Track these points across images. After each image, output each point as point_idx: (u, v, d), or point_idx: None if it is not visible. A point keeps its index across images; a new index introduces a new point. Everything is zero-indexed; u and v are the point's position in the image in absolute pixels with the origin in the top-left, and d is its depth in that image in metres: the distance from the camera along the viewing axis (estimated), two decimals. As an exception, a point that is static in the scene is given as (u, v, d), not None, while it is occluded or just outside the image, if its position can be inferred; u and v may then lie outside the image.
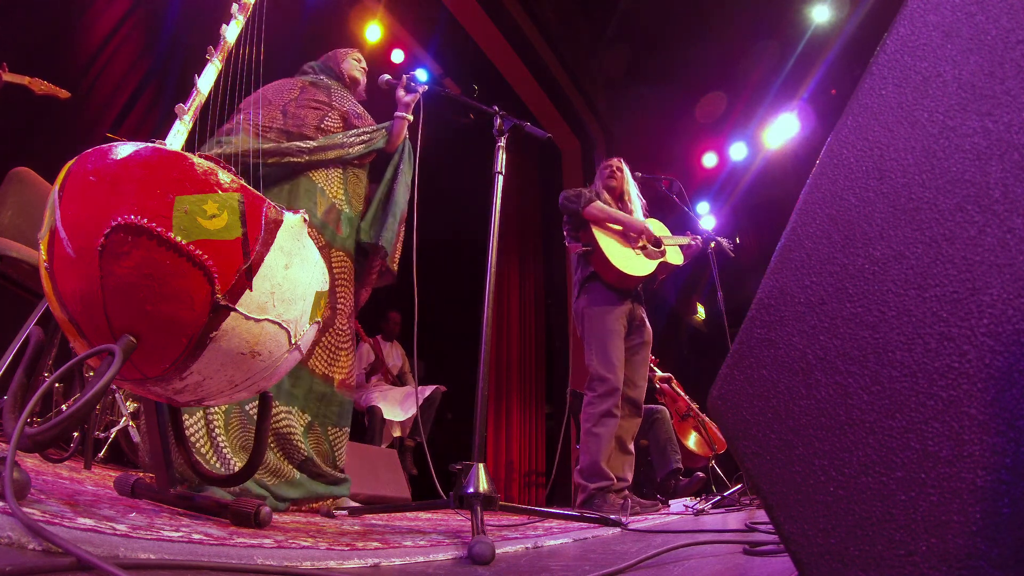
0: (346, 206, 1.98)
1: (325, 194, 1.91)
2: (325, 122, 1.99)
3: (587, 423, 2.58)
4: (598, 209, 2.75)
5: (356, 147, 2.00)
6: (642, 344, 2.78)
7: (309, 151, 1.86)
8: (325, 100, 2.05)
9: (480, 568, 0.85)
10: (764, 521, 1.47)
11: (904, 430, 0.43)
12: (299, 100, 2.01)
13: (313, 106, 2.01)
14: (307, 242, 0.99)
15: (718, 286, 3.31)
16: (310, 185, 1.88)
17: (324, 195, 1.90)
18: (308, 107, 2.00)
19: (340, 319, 1.88)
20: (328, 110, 2.03)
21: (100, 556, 0.52)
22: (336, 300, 1.87)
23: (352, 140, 1.99)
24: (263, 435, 1.11)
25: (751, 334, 0.55)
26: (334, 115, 2.03)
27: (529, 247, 6.52)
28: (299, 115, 1.96)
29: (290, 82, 2.09)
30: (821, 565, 0.44)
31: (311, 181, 1.89)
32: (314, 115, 1.99)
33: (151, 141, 0.91)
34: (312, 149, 1.87)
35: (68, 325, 0.87)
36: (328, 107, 2.04)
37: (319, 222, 1.86)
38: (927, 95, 0.50)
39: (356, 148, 1.99)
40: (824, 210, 0.53)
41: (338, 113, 2.05)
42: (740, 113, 6.23)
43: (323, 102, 2.04)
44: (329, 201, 1.92)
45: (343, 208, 1.97)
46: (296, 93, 2.03)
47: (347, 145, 1.97)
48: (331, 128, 1.99)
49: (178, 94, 1.22)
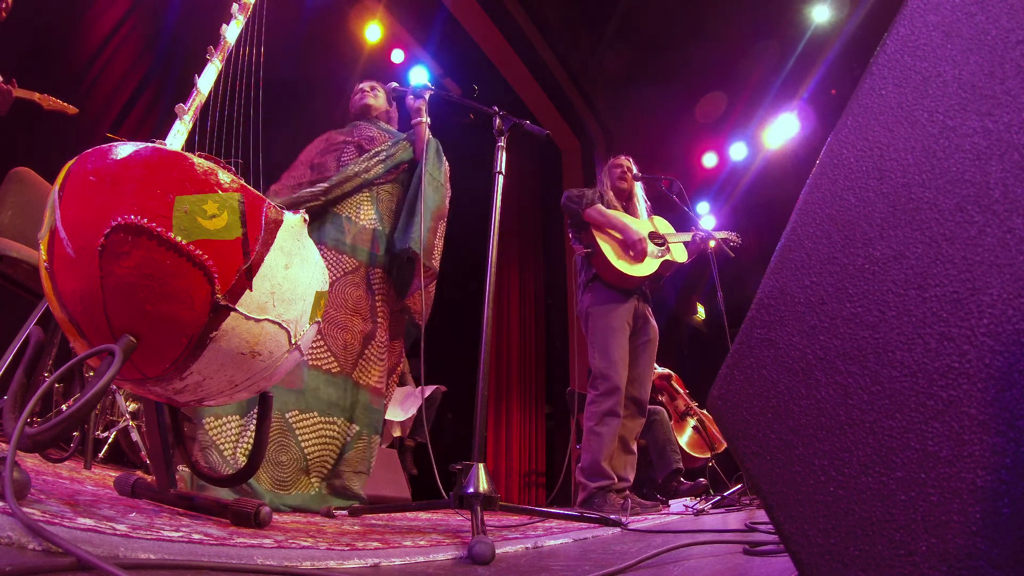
0: (380, 224, 2.05)
1: (352, 221, 1.99)
2: (343, 158, 2.07)
3: (589, 422, 2.58)
4: (598, 213, 2.74)
5: (375, 168, 2.04)
6: (647, 342, 2.77)
7: (324, 192, 1.93)
8: (342, 139, 2.14)
9: (480, 568, 0.85)
10: (764, 521, 1.47)
11: (904, 430, 0.43)
12: (323, 150, 2.11)
13: (332, 149, 2.10)
14: (307, 242, 0.98)
15: (718, 286, 3.31)
16: (335, 219, 1.97)
17: (352, 223, 1.99)
18: (328, 152, 2.10)
19: (380, 332, 1.98)
20: (344, 147, 2.11)
21: (100, 556, 0.52)
22: (377, 315, 1.97)
23: (368, 164, 2.04)
24: (263, 435, 1.11)
25: (751, 334, 0.55)
26: (349, 148, 2.11)
27: (529, 247, 6.52)
28: (322, 163, 2.06)
29: (322, 136, 2.20)
30: (821, 565, 0.44)
31: (335, 214, 1.97)
32: (333, 157, 2.08)
33: (151, 141, 0.91)
34: (326, 190, 1.94)
35: (68, 325, 0.87)
36: (344, 144, 2.12)
37: (349, 248, 1.95)
38: (927, 95, 0.50)
39: (375, 169, 2.04)
40: (824, 210, 0.53)
41: (353, 145, 2.12)
42: (740, 113, 6.23)
43: (339, 142, 2.13)
44: (358, 226, 1.99)
45: (377, 227, 2.03)
46: (321, 145, 2.14)
47: (364, 171, 2.02)
48: (348, 162, 2.06)
49: (178, 94, 1.22)
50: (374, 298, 1.98)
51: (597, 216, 2.74)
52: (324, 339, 1.84)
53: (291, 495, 1.68)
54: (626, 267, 2.66)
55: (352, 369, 1.89)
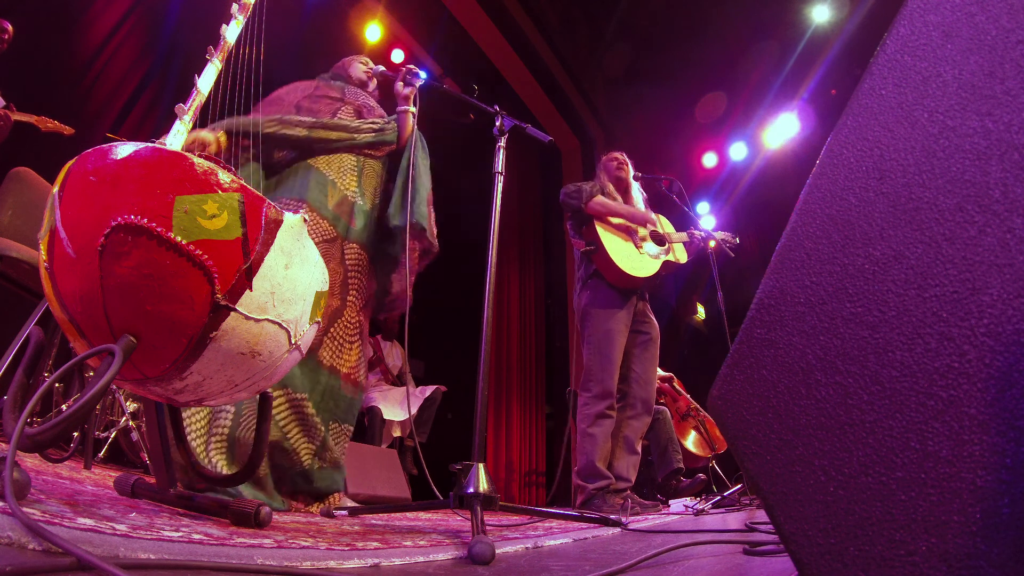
0: (360, 198, 1.94)
1: (336, 186, 1.89)
2: (339, 115, 2.00)
3: (582, 424, 2.58)
4: (600, 204, 2.72)
5: (364, 134, 1.97)
6: (650, 340, 2.76)
7: (308, 125, 1.86)
8: (338, 96, 2.07)
9: (480, 568, 0.85)
10: (764, 521, 1.47)
11: (904, 430, 0.43)
12: (312, 96, 2.03)
13: (326, 100, 2.03)
14: (307, 242, 0.98)
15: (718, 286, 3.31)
16: (320, 177, 1.87)
17: (335, 187, 1.88)
18: (321, 101, 2.02)
19: (350, 311, 1.85)
20: (341, 104, 2.04)
21: (100, 556, 0.52)
22: (348, 292, 1.84)
23: (360, 126, 1.98)
24: (263, 435, 1.11)
25: (751, 334, 0.55)
26: (348, 108, 2.04)
27: (529, 247, 6.52)
28: (312, 109, 1.97)
29: (304, 82, 2.12)
30: (821, 565, 0.44)
31: (321, 173, 1.88)
32: (327, 108, 2.00)
33: (151, 141, 0.91)
34: (311, 124, 1.86)
35: (68, 325, 0.87)
36: (341, 102, 2.05)
37: (331, 214, 1.84)
38: (927, 95, 0.50)
39: (364, 135, 1.97)
40: (824, 210, 0.53)
41: (352, 107, 2.06)
42: (740, 113, 6.23)
43: (336, 97, 2.06)
44: (341, 193, 1.89)
45: (356, 200, 1.93)
46: (310, 91, 2.06)
47: (354, 130, 1.95)
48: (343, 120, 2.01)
49: (178, 94, 1.22)
50: (347, 273, 1.84)
51: (600, 208, 2.72)
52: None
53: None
54: (629, 267, 2.64)
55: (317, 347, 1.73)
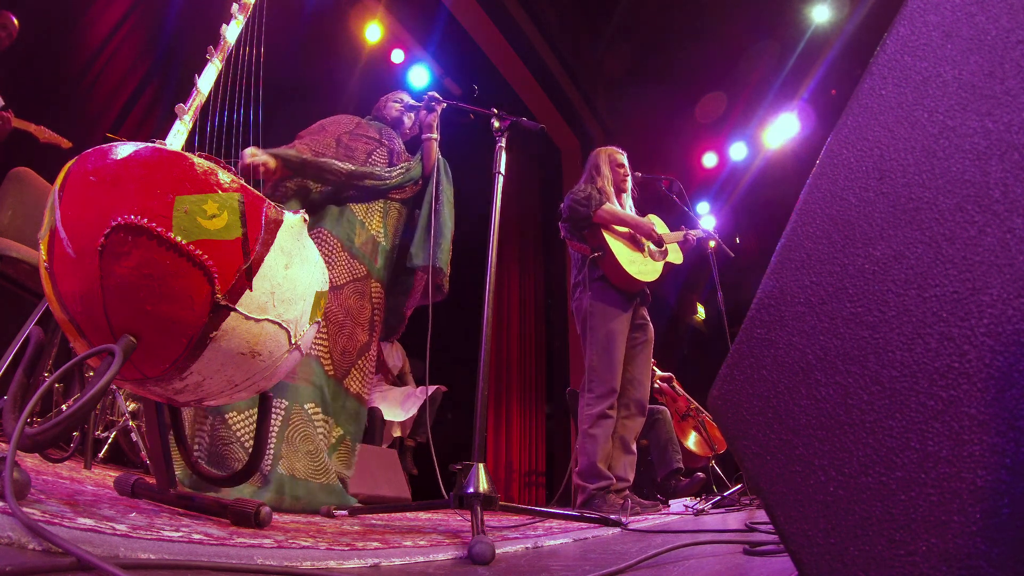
0: (383, 239, 2.11)
1: (365, 227, 2.06)
2: (373, 156, 2.12)
3: (583, 424, 2.58)
4: (608, 213, 2.72)
5: (396, 177, 2.10)
6: (645, 343, 2.77)
7: (348, 174, 1.98)
8: (376, 137, 2.18)
9: (480, 568, 0.85)
10: (764, 521, 1.47)
11: (904, 430, 0.43)
12: (353, 133, 2.16)
13: (364, 140, 2.15)
14: (307, 242, 0.98)
15: (718, 286, 3.31)
16: (352, 217, 2.03)
17: (364, 228, 2.06)
18: (360, 140, 2.14)
19: (374, 346, 2.05)
20: (377, 146, 2.16)
21: (100, 556, 0.52)
22: (374, 328, 2.04)
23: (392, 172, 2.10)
24: (263, 436, 1.11)
25: (751, 334, 0.55)
26: (382, 151, 2.16)
27: (529, 247, 6.52)
28: (351, 146, 2.10)
29: (348, 117, 2.23)
30: (821, 565, 0.44)
31: (353, 213, 2.03)
32: (364, 148, 2.12)
33: (151, 141, 0.91)
34: (351, 173, 1.99)
35: (68, 325, 0.87)
36: (378, 144, 2.16)
37: (358, 252, 2.00)
38: (927, 95, 0.50)
39: (396, 178, 2.10)
40: (824, 210, 0.53)
41: (386, 150, 2.17)
42: (740, 113, 6.23)
43: (374, 138, 2.17)
44: (368, 234, 2.06)
45: (380, 241, 2.09)
46: (352, 127, 2.18)
47: (388, 177, 2.08)
48: (377, 162, 2.11)
49: (178, 94, 1.22)
50: (373, 311, 2.03)
51: (608, 216, 2.72)
52: (328, 339, 1.87)
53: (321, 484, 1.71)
54: (636, 272, 2.65)
55: (344, 376, 1.93)
